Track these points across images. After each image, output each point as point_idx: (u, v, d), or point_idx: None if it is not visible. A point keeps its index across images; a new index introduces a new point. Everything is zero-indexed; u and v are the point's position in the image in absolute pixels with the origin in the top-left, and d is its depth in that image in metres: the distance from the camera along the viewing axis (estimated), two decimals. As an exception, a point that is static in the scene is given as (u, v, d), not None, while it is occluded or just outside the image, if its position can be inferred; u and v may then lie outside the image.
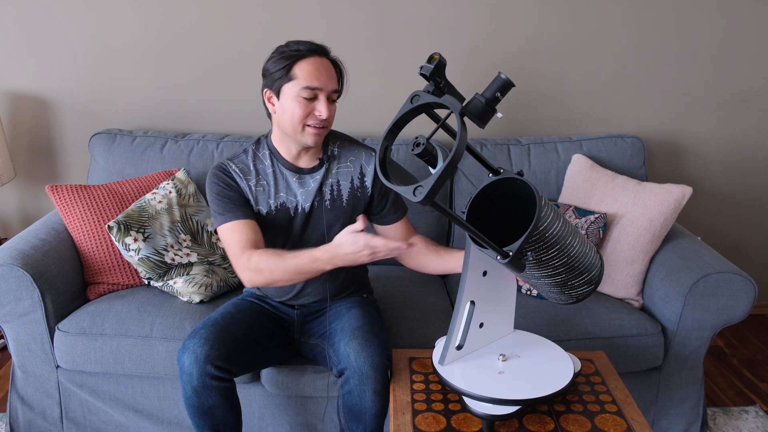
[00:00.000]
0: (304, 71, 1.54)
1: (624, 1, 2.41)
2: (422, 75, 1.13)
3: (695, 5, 2.42)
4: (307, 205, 1.68)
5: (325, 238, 1.69)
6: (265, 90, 1.62)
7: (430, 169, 1.16)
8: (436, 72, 1.13)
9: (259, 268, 1.52)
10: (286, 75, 1.55)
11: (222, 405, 1.56)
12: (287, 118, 1.58)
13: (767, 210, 2.70)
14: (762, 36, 2.48)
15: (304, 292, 1.76)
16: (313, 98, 1.55)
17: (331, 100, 1.59)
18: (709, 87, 2.52)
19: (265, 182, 1.67)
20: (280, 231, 1.70)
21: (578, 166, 2.23)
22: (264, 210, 1.67)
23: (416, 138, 1.11)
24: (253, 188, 1.67)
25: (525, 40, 2.44)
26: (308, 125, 1.57)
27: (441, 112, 1.50)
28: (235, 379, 1.61)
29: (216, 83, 2.44)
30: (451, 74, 2.39)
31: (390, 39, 2.42)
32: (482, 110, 1.16)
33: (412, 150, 1.10)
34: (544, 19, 2.42)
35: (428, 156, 1.11)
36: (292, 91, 1.55)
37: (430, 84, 1.15)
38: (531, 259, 1.26)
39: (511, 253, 1.22)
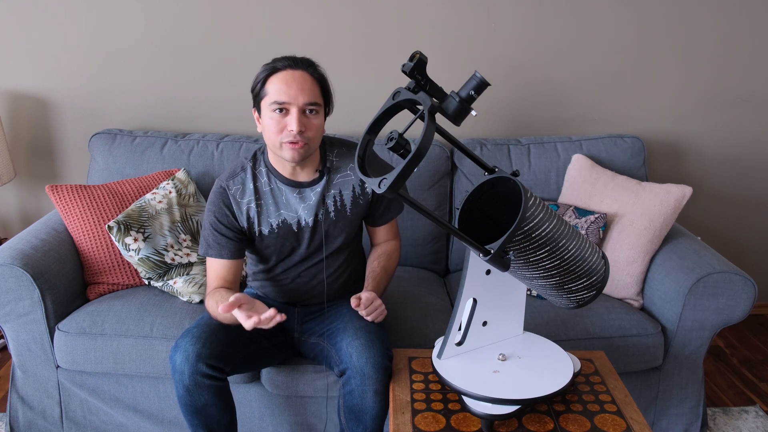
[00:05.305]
0: (273, 86, 1.53)
1: (624, 1, 2.41)
2: (403, 72, 1.16)
3: (695, 5, 2.42)
4: (310, 219, 1.66)
5: (323, 250, 1.70)
6: (253, 109, 1.62)
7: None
8: (416, 70, 1.15)
9: (210, 309, 1.63)
10: (261, 91, 1.56)
11: (215, 403, 1.56)
12: (267, 134, 1.57)
13: (767, 210, 2.70)
14: (762, 36, 2.48)
15: (308, 293, 1.76)
16: (284, 113, 1.53)
17: (305, 113, 1.54)
18: (709, 87, 2.52)
19: (263, 201, 1.66)
20: (286, 247, 1.69)
21: (578, 166, 2.23)
22: (266, 230, 1.67)
23: (390, 133, 1.13)
24: (252, 209, 1.66)
25: (525, 40, 2.43)
26: (284, 141, 1.54)
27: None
28: (233, 378, 1.61)
29: (216, 83, 2.44)
30: (450, 74, 2.41)
31: (389, 39, 2.41)
32: (456, 108, 1.18)
33: (386, 144, 1.13)
34: (544, 19, 2.42)
35: (402, 150, 1.14)
36: (265, 107, 1.55)
37: (412, 81, 1.18)
38: (514, 258, 1.26)
39: (492, 251, 1.22)
